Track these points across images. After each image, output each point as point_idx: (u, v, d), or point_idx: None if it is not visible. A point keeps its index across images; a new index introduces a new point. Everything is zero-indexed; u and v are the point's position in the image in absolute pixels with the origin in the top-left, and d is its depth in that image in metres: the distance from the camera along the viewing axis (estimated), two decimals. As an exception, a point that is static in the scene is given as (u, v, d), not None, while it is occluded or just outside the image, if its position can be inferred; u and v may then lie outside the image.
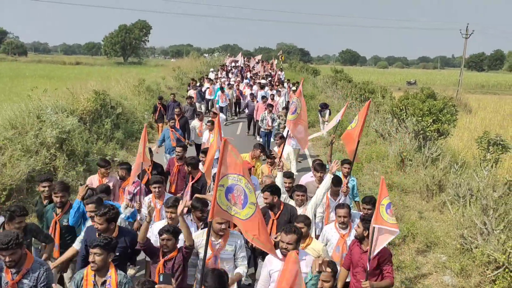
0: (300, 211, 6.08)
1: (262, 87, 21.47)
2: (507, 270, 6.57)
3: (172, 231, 4.59)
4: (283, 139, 9.32)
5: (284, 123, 12.35)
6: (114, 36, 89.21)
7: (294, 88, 21.62)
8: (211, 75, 28.16)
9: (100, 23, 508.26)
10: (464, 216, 8.67)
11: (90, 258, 4.11)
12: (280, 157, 8.17)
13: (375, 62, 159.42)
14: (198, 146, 12.05)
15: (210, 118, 11.84)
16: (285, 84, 24.19)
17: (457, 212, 9.14)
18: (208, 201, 5.41)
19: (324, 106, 18.40)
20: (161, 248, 4.66)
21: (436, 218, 9.68)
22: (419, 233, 8.64)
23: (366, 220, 5.01)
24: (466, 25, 41.81)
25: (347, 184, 7.05)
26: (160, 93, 22.34)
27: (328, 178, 6.15)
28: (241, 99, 22.23)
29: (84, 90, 16.38)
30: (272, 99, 17.83)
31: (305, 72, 45.25)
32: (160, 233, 4.61)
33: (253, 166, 8.24)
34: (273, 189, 5.85)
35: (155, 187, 6.33)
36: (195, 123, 12.38)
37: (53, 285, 4.18)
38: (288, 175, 7.17)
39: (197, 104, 19.23)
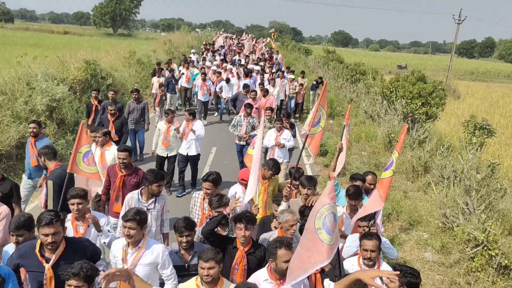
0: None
1: (247, 74, 16.34)
2: (485, 248, 6.82)
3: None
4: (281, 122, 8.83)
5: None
6: (104, 6, 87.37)
7: (292, 76, 17.53)
8: (193, 58, 22.41)
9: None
10: (447, 196, 8.92)
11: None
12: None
13: (367, 45, 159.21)
14: (161, 159, 9.10)
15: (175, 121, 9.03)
16: (286, 74, 18.45)
17: (441, 192, 9.39)
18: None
19: (320, 81, 17.96)
20: None
21: (420, 198, 9.94)
22: (403, 211, 8.87)
23: (405, 273, 3.67)
24: (459, 10, 41.83)
25: None
26: (151, 66, 21.70)
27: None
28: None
29: (74, 59, 16.22)
30: (265, 94, 12.91)
31: (297, 51, 45.08)
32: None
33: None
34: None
35: (73, 204, 4.56)
36: (160, 125, 9.11)
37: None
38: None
39: (168, 95, 14.99)
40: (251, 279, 3.91)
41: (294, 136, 9.72)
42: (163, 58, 27.62)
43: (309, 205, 4.87)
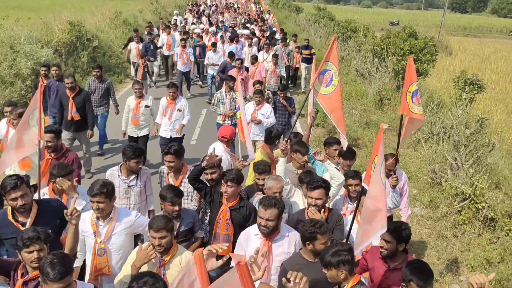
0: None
1: (232, 39, 14.58)
2: (472, 201, 6.97)
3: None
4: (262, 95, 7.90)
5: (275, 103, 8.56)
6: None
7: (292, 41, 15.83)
8: (177, 20, 20.48)
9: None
10: (436, 152, 9.02)
11: None
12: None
13: (359, 1, 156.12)
14: (134, 139, 8.02)
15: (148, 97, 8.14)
16: (277, 35, 17.52)
17: (430, 148, 9.48)
18: None
19: (306, 48, 15.12)
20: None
21: (410, 155, 10.03)
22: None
23: (397, 229, 3.72)
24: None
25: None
26: (137, 27, 21.03)
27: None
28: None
29: (58, 21, 15.79)
30: (254, 61, 11.64)
31: (287, 9, 44.14)
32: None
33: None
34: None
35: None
36: (130, 101, 8.11)
37: None
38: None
39: (148, 64, 12.91)
40: (243, 233, 3.97)
41: (293, 113, 8.59)
42: (150, 18, 26.98)
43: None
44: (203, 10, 24.87)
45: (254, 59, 11.70)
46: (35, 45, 11.95)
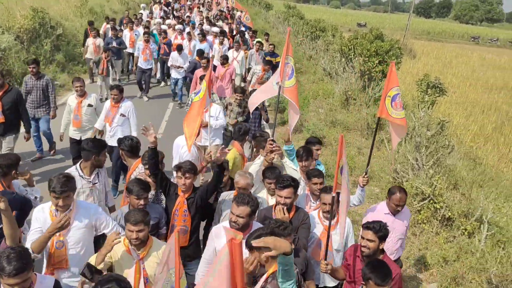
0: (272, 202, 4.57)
1: (203, 36, 13.81)
2: (431, 201, 7.20)
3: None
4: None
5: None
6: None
7: (259, 39, 14.81)
8: (143, 14, 18.89)
9: None
10: (399, 152, 9.25)
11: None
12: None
13: (328, 1, 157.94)
14: (75, 143, 7.21)
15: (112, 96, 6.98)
16: (247, 35, 16.37)
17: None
18: None
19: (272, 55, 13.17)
20: None
21: (374, 155, 10.21)
22: (357, 167, 9.15)
23: (380, 228, 3.75)
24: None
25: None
26: (103, 16, 20.52)
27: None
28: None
29: (20, 6, 15.21)
30: (225, 61, 10.73)
31: (257, 5, 44.13)
32: None
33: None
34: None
35: None
36: (70, 100, 7.28)
37: None
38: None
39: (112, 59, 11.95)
40: (215, 229, 3.94)
41: (267, 120, 8.65)
42: (118, 8, 26.39)
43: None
44: (170, 3, 23.36)
45: (225, 59, 10.83)
46: (-5, 31, 11.49)
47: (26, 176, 4.36)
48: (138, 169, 5.05)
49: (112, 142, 6.81)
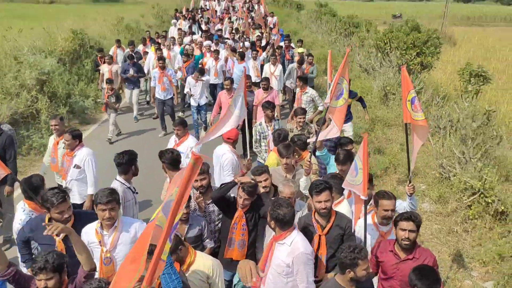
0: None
1: (242, 56, 11.46)
2: (482, 195, 6.90)
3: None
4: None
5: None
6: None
7: (301, 49, 13.20)
8: (173, 31, 17.04)
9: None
10: (443, 146, 8.95)
11: None
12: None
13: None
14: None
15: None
16: (282, 43, 13.92)
17: (437, 143, 9.41)
18: None
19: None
20: None
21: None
22: (400, 164, 8.92)
23: (418, 218, 3.76)
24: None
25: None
26: (140, 32, 20.98)
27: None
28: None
29: (61, 30, 15.90)
30: (266, 86, 8.82)
31: (288, 6, 44.04)
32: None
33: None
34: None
35: None
36: (51, 140, 6.45)
37: None
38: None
39: (127, 91, 11.42)
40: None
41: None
42: (152, 22, 27.06)
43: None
44: (201, 17, 20.35)
45: (266, 82, 8.85)
46: (38, 55, 12.02)
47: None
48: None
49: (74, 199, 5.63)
